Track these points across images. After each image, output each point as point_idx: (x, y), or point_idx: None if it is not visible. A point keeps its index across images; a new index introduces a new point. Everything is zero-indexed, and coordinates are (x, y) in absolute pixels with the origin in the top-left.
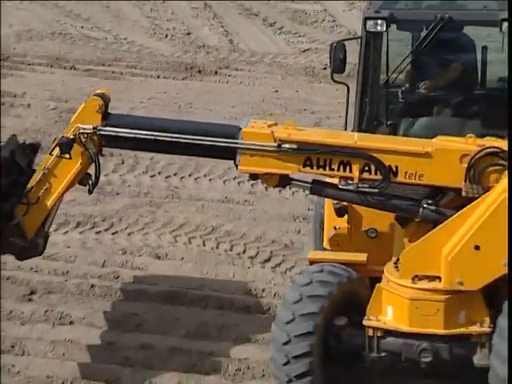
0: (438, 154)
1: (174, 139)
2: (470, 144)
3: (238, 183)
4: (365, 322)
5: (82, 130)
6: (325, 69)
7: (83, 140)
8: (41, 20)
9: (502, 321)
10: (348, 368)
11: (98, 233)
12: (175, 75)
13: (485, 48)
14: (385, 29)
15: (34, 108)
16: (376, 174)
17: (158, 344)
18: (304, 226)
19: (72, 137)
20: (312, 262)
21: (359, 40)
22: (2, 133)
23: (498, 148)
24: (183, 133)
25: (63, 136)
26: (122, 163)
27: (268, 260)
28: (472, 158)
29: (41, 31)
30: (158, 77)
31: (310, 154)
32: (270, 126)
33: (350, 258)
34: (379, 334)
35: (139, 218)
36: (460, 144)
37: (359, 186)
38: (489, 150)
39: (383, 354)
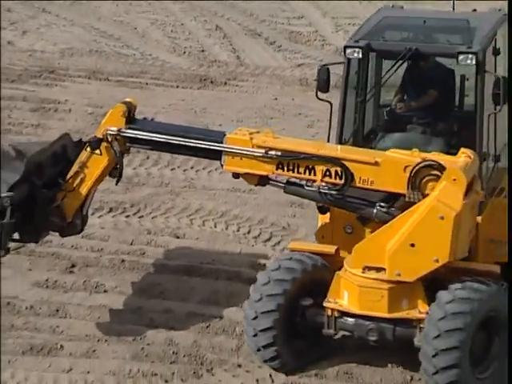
0: (385, 164)
1: (179, 142)
2: (414, 157)
3: None
4: (325, 304)
5: (108, 131)
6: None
7: (110, 139)
8: (80, 40)
9: (433, 308)
10: (311, 342)
11: (127, 216)
12: (191, 85)
13: (463, 76)
14: (361, 56)
15: (74, 112)
16: (335, 178)
17: (177, 309)
18: (299, 211)
19: (101, 136)
20: (292, 251)
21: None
22: (48, 134)
23: (435, 161)
24: (185, 137)
25: (94, 135)
26: (147, 158)
27: (269, 239)
28: (413, 169)
29: (80, 49)
30: (177, 87)
31: (281, 158)
32: (251, 133)
33: (320, 249)
34: (336, 314)
35: (161, 204)
36: (405, 156)
37: (321, 187)
38: (427, 162)
39: (339, 332)
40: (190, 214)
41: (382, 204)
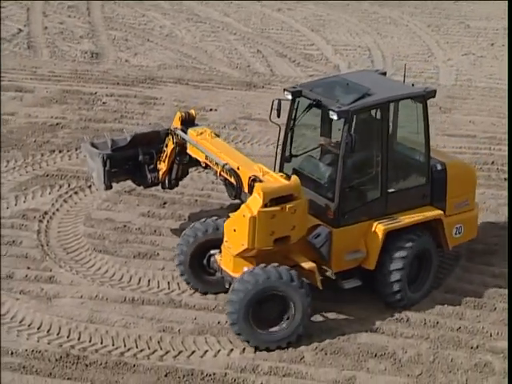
0: (243, 172)
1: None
2: (256, 172)
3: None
4: (216, 257)
5: (172, 127)
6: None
7: (171, 133)
8: (170, 58)
9: (237, 278)
10: (214, 279)
11: (199, 172)
12: (241, 88)
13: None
14: (291, 98)
15: (166, 105)
16: (226, 174)
17: None
18: None
19: (170, 129)
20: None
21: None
22: (149, 119)
23: (259, 178)
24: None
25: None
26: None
27: None
28: (249, 179)
29: (170, 64)
30: (232, 89)
31: (203, 152)
32: (200, 130)
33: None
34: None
35: None
36: (250, 171)
37: (220, 178)
38: (256, 177)
39: (222, 275)
40: None
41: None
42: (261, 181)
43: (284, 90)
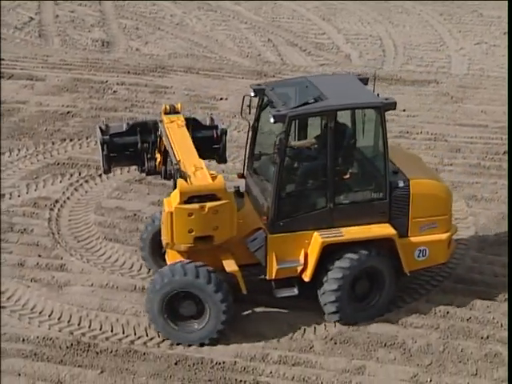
0: (182, 167)
1: None
2: (190, 166)
3: None
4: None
5: (159, 118)
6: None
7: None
8: (181, 47)
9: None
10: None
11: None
12: (251, 77)
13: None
14: (253, 95)
15: (176, 94)
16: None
17: None
18: None
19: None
20: None
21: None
22: (159, 109)
23: (187, 172)
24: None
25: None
26: None
27: None
28: (181, 173)
29: (181, 53)
30: (242, 78)
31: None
32: (172, 119)
33: None
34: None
35: (230, 154)
36: (188, 164)
37: (174, 169)
38: (185, 171)
39: None
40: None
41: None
42: (188, 177)
43: (250, 85)
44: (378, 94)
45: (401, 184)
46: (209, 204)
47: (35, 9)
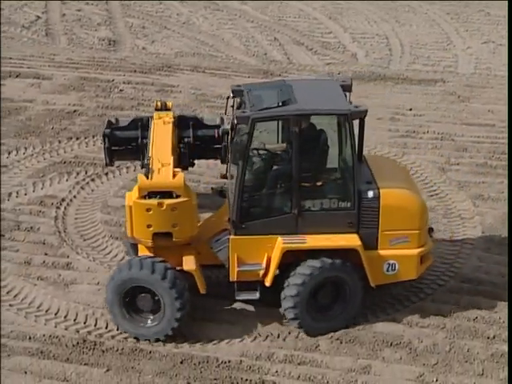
0: (151, 163)
1: None
2: (158, 162)
3: None
4: None
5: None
6: (339, 73)
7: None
8: (187, 46)
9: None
10: None
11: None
12: (257, 76)
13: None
14: (232, 95)
15: (183, 93)
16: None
17: None
18: None
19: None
20: None
21: None
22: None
23: (152, 168)
24: None
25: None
26: None
27: None
28: (147, 168)
29: (187, 52)
30: (248, 77)
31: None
32: (161, 115)
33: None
34: None
35: None
36: (157, 160)
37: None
38: (151, 167)
39: None
40: None
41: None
42: (151, 172)
43: (230, 87)
44: (350, 102)
45: (370, 195)
46: (167, 201)
47: (42, 8)
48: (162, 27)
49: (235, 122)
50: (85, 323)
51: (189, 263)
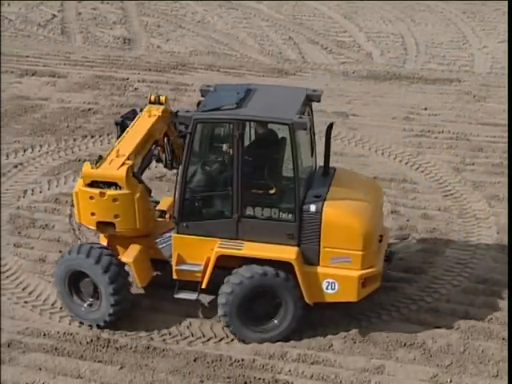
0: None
1: None
2: (114, 152)
3: None
4: None
5: None
6: (353, 73)
7: None
8: (202, 45)
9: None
10: None
11: None
12: (272, 75)
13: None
14: (201, 96)
15: (197, 91)
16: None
17: None
18: None
19: None
20: None
21: None
22: (181, 105)
23: (104, 157)
24: None
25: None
26: None
27: None
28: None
29: (202, 51)
30: (263, 76)
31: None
32: (150, 109)
33: None
34: None
35: None
36: (115, 151)
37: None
38: (104, 157)
39: None
40: None
41: None
42: (102, 162)
43: (200, 87)
44: (298, 114)
45: (313, 209)
46: (109, 191)
47: (58, 6)
48: (176, 26)
49: (177, 120)
50: None
51: (128, 255)
